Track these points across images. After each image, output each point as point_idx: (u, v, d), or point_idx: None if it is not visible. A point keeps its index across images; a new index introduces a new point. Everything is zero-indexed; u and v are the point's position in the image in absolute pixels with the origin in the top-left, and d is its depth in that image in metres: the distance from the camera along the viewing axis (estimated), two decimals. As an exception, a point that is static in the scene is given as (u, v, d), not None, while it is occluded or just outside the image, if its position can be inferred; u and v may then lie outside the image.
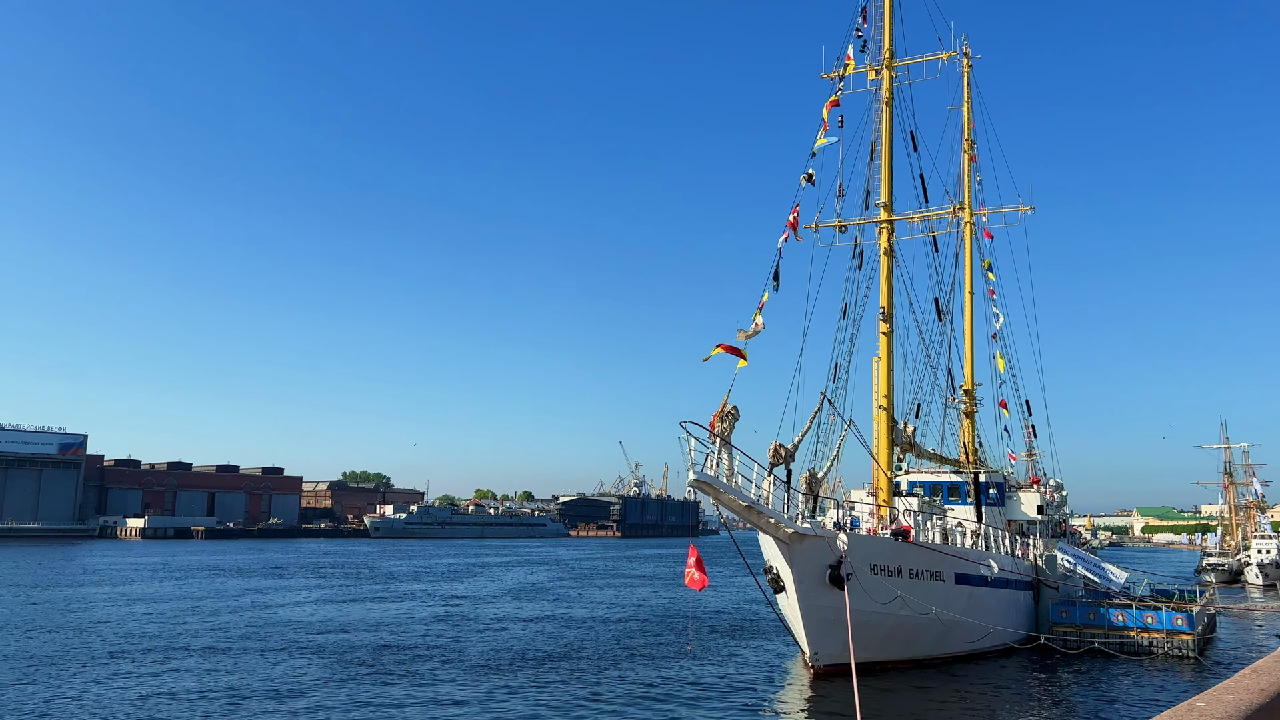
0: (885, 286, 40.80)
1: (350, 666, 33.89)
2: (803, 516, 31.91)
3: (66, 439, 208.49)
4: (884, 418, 39.93)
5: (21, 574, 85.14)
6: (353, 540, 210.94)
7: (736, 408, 27.42)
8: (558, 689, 29.81)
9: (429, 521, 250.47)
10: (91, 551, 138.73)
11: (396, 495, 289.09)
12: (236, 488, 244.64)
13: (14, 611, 52.26)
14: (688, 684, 31.15)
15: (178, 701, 27.22)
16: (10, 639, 40.45)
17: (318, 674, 32.26)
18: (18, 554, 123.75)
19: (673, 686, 30.62)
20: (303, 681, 30.67)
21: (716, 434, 26.67)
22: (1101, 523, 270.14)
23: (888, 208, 41.26)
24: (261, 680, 30.86)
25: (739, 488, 27.06)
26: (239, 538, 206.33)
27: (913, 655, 34.14)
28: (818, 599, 30.53)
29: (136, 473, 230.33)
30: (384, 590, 71.28)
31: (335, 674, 32.25)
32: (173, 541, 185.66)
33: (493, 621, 49.48)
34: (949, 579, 34.58)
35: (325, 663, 34.72)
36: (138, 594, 65.76)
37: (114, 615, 51.28)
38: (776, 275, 30.86)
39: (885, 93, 42.14)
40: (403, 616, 51.83)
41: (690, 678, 32.46)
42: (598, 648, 39.87)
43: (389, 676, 31.91)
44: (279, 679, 31.12)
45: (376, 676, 31.84)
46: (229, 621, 48.43)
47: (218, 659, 35.43)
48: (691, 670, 34.05)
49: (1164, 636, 37.72)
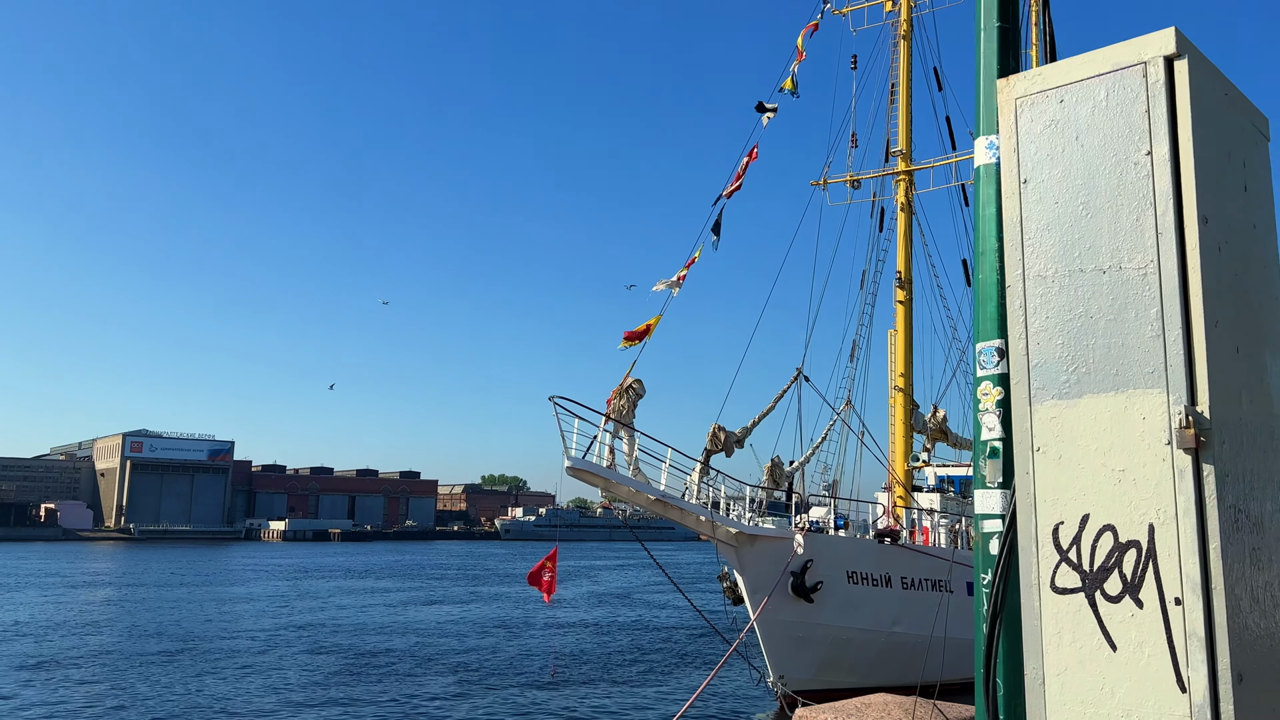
0: (903, 248, 35.17)
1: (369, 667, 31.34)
2: (762, 513, 27.00)
3: (215, 446, 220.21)
4: (900, 400, 34.28)
5: (158, 574, 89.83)
6: (484, 543, 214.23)
7: (640, 382, 22.95)
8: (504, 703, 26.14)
9: (558, 524, 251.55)
10: (233, 554, 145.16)
11: (528, 498, 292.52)
12: (375, 491, 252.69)
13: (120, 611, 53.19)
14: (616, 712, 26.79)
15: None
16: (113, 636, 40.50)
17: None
18: (169, 555, 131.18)
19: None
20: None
21: (611, 413, 22.29)
22: None
23: (905, 156, 35.61)
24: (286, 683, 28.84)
25: (641, 477, 22.58)
26: (374, 540, 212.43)
27: (913, 681, 28.53)
28: (779, 612, 25.63)
29: (282, 477, 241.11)
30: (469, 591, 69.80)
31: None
32: (311, 544, 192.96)
33: (546, 629, 46.84)
34: (959, 590, 28.81)
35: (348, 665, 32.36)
36: (245, 594, 67.61)
37: (205, 614, 52.05)
38: (717, 228, 26.08)
39: (903, 24, 36.46)
40: (456, 620, 49.69)
41: (636, 703, 28.06)
42: (596, 660, 36.01)
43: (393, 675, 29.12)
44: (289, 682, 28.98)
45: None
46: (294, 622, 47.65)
47: (246, 660, 33.89)
48: (643, 697, 29.61)
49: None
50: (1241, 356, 2.63)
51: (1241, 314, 2.68)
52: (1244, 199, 2.80)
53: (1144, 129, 2.59)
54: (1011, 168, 2.82)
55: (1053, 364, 2.68)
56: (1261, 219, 2.90)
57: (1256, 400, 2.69)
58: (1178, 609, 2.39)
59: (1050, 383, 2.68)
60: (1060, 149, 2.73)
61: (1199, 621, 2.36)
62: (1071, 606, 2.55)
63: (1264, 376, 2.77)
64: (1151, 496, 2.46)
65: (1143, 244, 2.56)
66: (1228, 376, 2.54)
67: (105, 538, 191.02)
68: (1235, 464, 2.50)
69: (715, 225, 26.00)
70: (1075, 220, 2.68)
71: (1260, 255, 2.87)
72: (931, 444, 35.75)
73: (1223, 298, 2.57)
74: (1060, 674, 2.56)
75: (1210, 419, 2.41)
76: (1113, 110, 2.65)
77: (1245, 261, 2.75)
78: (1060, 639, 2.56)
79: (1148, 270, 2.54)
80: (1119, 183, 2.61)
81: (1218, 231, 2.59)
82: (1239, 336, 2.63)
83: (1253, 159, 2.90)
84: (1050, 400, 2.67)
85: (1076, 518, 2.58)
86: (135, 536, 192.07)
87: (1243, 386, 2.62)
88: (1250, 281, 2.78)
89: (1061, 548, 2.59)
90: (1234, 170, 2.77)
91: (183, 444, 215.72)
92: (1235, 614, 2.37)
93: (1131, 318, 2.56)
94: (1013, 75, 2.88)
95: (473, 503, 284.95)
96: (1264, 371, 2.77)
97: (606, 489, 22.17)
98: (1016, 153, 2.81)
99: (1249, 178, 2.84)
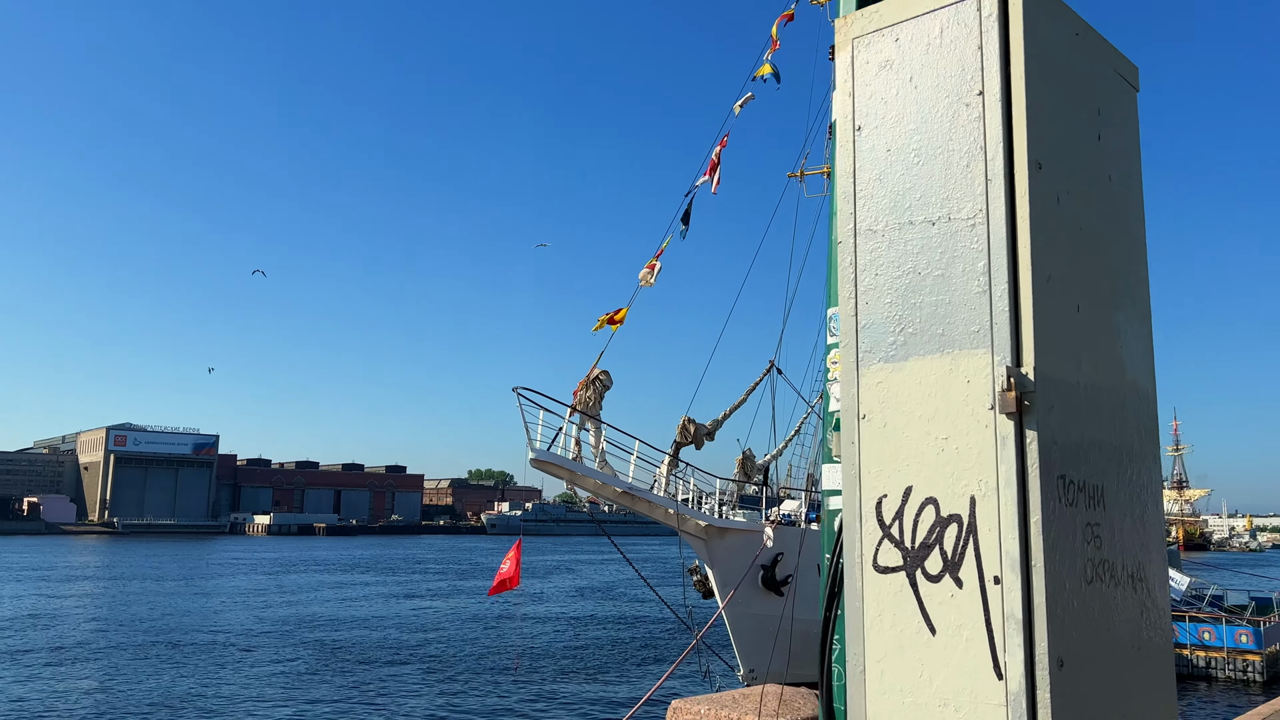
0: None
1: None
2: (734, 507, 26.84)
3: (200, 439, 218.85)
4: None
5: (140, 568, 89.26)
6: (470, 537, 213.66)
7: (608, 373, 22.71)
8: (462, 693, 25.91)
9: (544, 519, 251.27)
10: (217, 548, 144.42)
11: (515, 493, 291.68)
12: (361, 485, 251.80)
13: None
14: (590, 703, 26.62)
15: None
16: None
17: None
18: (152, 549, 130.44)
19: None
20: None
21: (578, 405, 22.05)
22: (1267, 523, 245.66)
23: (883, 149, 35.40)
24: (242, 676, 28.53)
25: (608, 470, 22.35)
26: (359, 534, 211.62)
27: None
28: (749, 605, 25.50)
29: (267, 471, 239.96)
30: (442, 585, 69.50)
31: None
32: (296, 538, 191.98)
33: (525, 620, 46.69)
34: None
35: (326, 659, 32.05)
36: (227, 588, 67.25)
37: (177, 608, 51.71)
38: (686, 218, 25.82)
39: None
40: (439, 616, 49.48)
41: (605, 697, 27.89)
42: (569, 653, 35.80)
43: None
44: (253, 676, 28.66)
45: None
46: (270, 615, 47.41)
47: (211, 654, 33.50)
48: (615, 690, 29.44)
49: (1224, 655, 30.57)
50: (1083, 316, 2.42)
51: (1085, 270, 2.47)
52: (1097, 148, 2.59)
53: (976, 68, 2.37)
54: (846, 114, 2.60)
55: (881, 325, 2.47)
56: (1121, 171, 2.70)
57: (1102, 364, 2.48)
58: (996, 589, 2.18)
59: (878, 345, 2.47)
60: (894, 92, 2.52)
61: (1017, 602, 2.15)
62: (893, 587, 2.35)
63: (1114, 339, 2.56)
64: (973, 466, 2.26)
65: (972, 192, 2.35)
66: (1062, 336, 2.33)
67: (89, 531, 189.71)
68: (1068, 431, 2.30)
69: (685, 215, 25.74)
70: (907, 169, 2.47)
71: (1117, 209, 2.66)
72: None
73: (1060, 252, 2.36)
74: (880, 660, 2.35)
75: (1035, 381, 2.21)
76: (946, 48, 2.43)
77: (1095, 215, 2.55)
78: (881, 622, 2.36)
79: (976, 221, 2.33)
80: (951, 127, 2.40)
81: (1057, 180, 2.39)
82: (1081, 294, 2.43)
83: (1112, 107, 2.69)
84: (878, 364, 2.46)
85: (900, 490, 2.37)
86: (119, 530, 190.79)
87: (1083, 348, 2.41)
88: (1102, 237, 2.57)
89: (884, 523, 2.38)
90: (1084, 116, 2.56)
91: (167, 437, 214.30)
92: (1057, 594, 2.17)
93: (959, 273, 2.35)
94: (851, 13, 2.66)
95: (459, 497, 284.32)
96: (1114, 334, 2.57)
97: (572, 481, 21.92)
98: (852, 98, 2.60)
99: (1105, 126, 2.63)
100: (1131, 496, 2.52)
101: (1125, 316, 2.62)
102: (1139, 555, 2.52)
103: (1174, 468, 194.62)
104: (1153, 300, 2.81)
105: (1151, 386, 2.73)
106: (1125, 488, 2.50)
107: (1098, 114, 2.61)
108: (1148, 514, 2.60)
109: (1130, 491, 2.52)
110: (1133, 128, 2.81)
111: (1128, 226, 2.71)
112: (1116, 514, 2.44)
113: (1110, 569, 2.38)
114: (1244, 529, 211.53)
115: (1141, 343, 2.70)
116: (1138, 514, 2.55)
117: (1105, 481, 2.41)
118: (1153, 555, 2.59)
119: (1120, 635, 2.39)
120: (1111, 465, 2.45)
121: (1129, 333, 2.63)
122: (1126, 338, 2.61)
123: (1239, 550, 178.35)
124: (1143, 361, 2.70)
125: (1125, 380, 2.58)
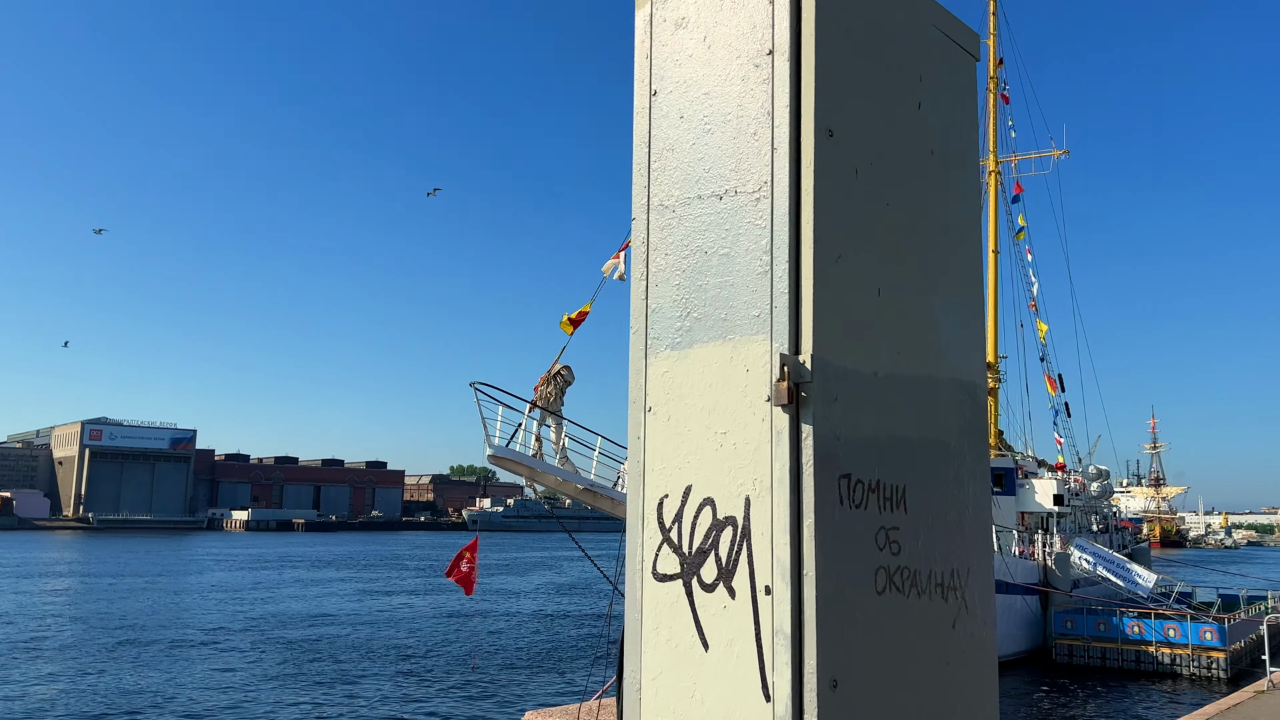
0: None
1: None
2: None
3: (177, 434, 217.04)
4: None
5: (114, 563, 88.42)
6: (451, 534, 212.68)
7: (569, 368, 22.46)
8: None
9: (526, 515, 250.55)
10: (194, 544, 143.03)
11: (497, 489, 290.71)
12: (340, 481, 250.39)
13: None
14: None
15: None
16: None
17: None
18: (128, 545, 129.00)
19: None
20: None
21: (539, 400, 21.79)
22: (1242, 520, 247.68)
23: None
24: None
25: (570, 466, 22.09)
26: (339, 530, 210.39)
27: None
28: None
29: (246, 466, 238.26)
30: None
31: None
32: (274, 534, 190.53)
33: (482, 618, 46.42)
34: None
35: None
36: (202, 584, 66.72)
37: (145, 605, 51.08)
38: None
39: None
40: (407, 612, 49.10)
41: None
42: (538, 649, 35.61)
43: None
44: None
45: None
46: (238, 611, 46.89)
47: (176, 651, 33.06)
48: (573, 685, 29.24)
49: (1189, 653, 30.64)
50: (887, 301, 2.21)
51: (892, 251, 2.26)
52: (915, 118, 2.38)
53: (768, 24, 2.15)
54: (643, 78, 2.38)
55: (668, 309, 2.25)
56: (945, 145, 2.48)
57: (911, 353, 2.27)
58: (768, 600, 1.97)
59: (665, 331, 2.25)
60: (689, 53, 2.30)
61: (786, 615, 1.94)
62: (670, 596, 2.13)
63: (930, 327, 2.35)
64: (749, 464, 2.04)
65: (759, 163, 2.13)
66: (856, 322, 2.12)
67: (63, 527, 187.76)
68: (858, 426, 2.08)
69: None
70: (698, 138, 2.25)
71: (936, 186, 2.45)
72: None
73: (856, 230, 2.15)
74: (656, 677, 2.14)
75: (813, 370, 1.99)
76: (739, 3, 2.21)
77: (910, 191, 2.34)
78: (658, 635, 2.14)
79: (761, 195, 2.11)
80: (741, 90, 2.18)
81: (856, 151, 2.17)
82: (885, 277, 2.22)
83: (938, 75, 2.48)
84: (664, 351, 2.24)
85: (680, 490, 2.15)
86: (94, 526, 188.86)
87: (885, 336, 2.20)
88: (919, 216, 2.36)
89: (665, 526, 2.17)
90: (899, 83, 2.34)
91: (144, 432, 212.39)
92: (832, 606, 1.95)
93: (743, 252, 2.13)
94: (651, -31, 2.44)
95: (440, 493, 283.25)
96: (931, 321, 2.36)
97: (531, 478, 21.65)
98: (650, 59, 2.37)
99: (926, 95, 2.42)
100: (946, 498, 2.32)
101: (947, 303, 2.41)
102: (953, 562, 2.31)
103: (1151, 465, 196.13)
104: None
105: (981, 379, 2.52)
106: (938, 489, 2.29)
107: (919, 80, 2.40)
108: (968, 517, 2.40)
109: (945, 493, 2.31)
110: (963, 100, 2.60)
111: (955, 205, 2.50)
112: (924, 517, 2.23)
113: (911, 577, 2.17)
114: (1220, 526, 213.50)
115: (969, 332, 2.50)
116: (954, 517, 2.34)
117: (909, 481, 2.20)
118: (973, 562, 2.39)
119: (923, 651, 2.18)
120: (919, 464, 2.24)
121: (951, 321, 2.42)
122: (947, 326, 2.41)
123: (1214, 547, 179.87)
124: (970, 352, 2.49)
125: (943, 372, 2.37)
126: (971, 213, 2.57)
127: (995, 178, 47.13)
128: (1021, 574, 34.39)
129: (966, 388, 2.45)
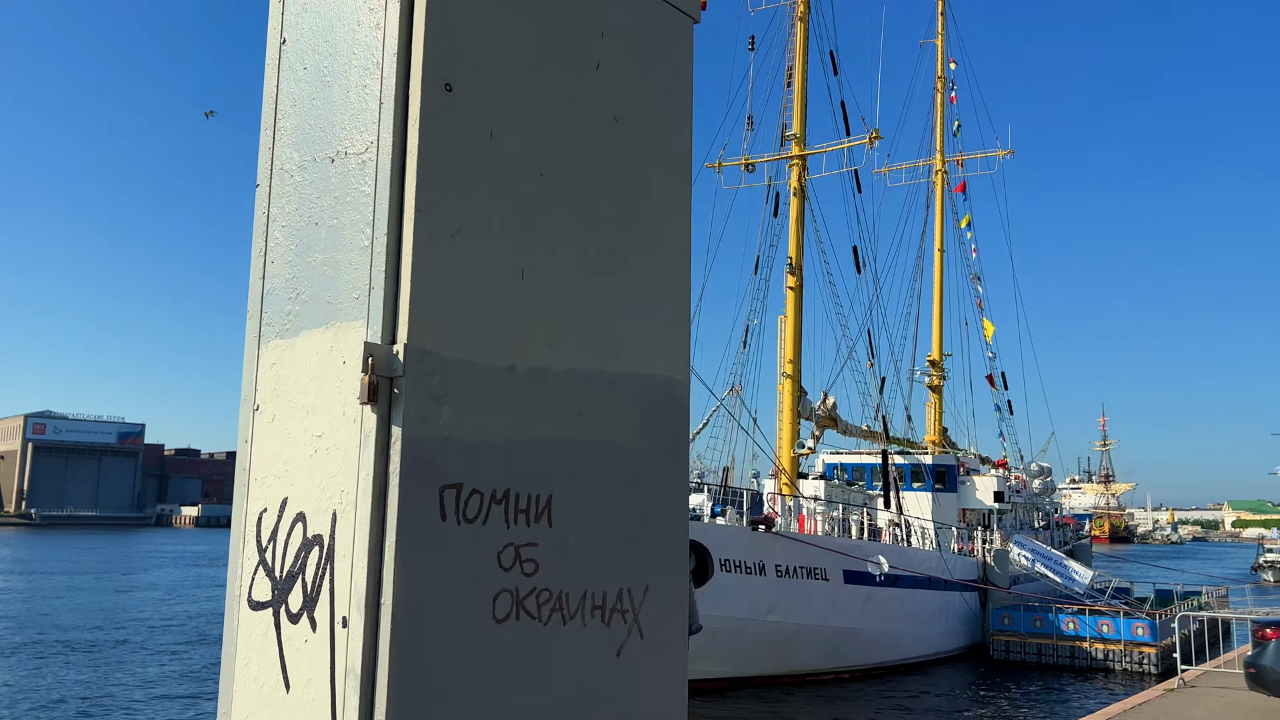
0: (795, 233, 34.76)
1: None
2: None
3: (125, 428, 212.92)
4: (789, 386, 33.95)
5: (55, 561, 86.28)
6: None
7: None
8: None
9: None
10: (141, 540, 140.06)
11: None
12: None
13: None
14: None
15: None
16: None
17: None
18: (72, 541, 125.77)
19: None
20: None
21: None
22: (1189, 516, 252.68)
23: (800, 140, 35.18)
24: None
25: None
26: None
27: (796, 670, 28.30)
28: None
29: (196, 461, 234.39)
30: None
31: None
32: (225, 530, 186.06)
33: None
34: (835, 578, 28.59)
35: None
36: (143, 582, 65.24)
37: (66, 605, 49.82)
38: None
39: (801, 4, 36.04)
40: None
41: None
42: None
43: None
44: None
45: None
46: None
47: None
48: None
49: (1122, 648, 30.97)
50: (534, 284, 1.92)
51: (546, 229, 1.96)
52: (591, 80, 2.09)
53: (385, -39, 1.85)
54: (276, 26, 2.06)
55: (281, 290, 1.93)
56: (635, 113, 2.19)
57: (568, 344, 1.98)
58: (344, 633, 1.67)
59: (276, 316, 1.94)
60: (317, -5, 1.99)
61: (358, 653, 1.64)
62: (261, 627, 1.82)
63: (607, 316, 2.06)
64: (339, 473, 1.74)
65: (367, 120, 1.83)
66: (480, 308, 1.82)
67: (3, 524, 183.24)
68: (480, 428, 1.79)
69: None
70: (315, 92, 1.94)
71: (621, 158, 2.16)
72: (820, 431, 35.52)
73: (485, 201, 1.85)
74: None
75: (406, 362, 1.69)
76: (361, -61, 1.91)
77: (579, 161, 2.04)
78: (248, 672, 1.83)
79: (367, 157, 1.81)
80: (354, 38, 1.88)
81: (492, 112, 1.87)
82: (532, 258, 1.92)
83: (631, 33, 2.19)
84: (274, 340, 1.93)
85: (278, 503, 1.85)
86: (36, 522, 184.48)
87: (530, 324, 1.91)
88: (593, 190, 2.07)
89: (261, 545, 1.86)
90: (567, 38, 2.05)
91: (90, 426, 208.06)
92: (414, 641, 1.65)
93: (349, 224, 1.83)
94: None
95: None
96: (608, 309, 2.07)
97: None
98: (283, 3, 2.06)
99: (610, 54, 2.13)
100: (614, 508, 2.03)
101: (630, 289, 2.13)
102: (622, 581, 2.03)
103: (1102, 462, 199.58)
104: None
105: (681, 373, 2.24)
106: (602, 497, 2.01)
107: (600, 37, 2.10)
108: (652, 528, 2.11)
109: (612, 502, 2.03)
110: (678, 62, 2.31)
111: (649, 181, 2.22)
112: (578, 531, 1.94)
113: (554, 601, 1.88)
114: (1167, 522, 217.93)
115: (664, 322, 2.21)
116: (630, 529, 2.06)
117: (556, 490, 1.91)
118: (655, 579, 2.10)
119: (563, 684, 1.89)
120: (575, 470, 1.95)
121: (638, 309, 2.13)
122: (633, 315, 2.12)
123: (1161, 543, 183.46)
124: (665, 344, 2.20)
125: (622, 366, 2.08)
126: (676, 189, 2.28)
127: (942, 177, 47.35)
128: (961, 570, 34.54)
129: (659, 384, 2.17)
